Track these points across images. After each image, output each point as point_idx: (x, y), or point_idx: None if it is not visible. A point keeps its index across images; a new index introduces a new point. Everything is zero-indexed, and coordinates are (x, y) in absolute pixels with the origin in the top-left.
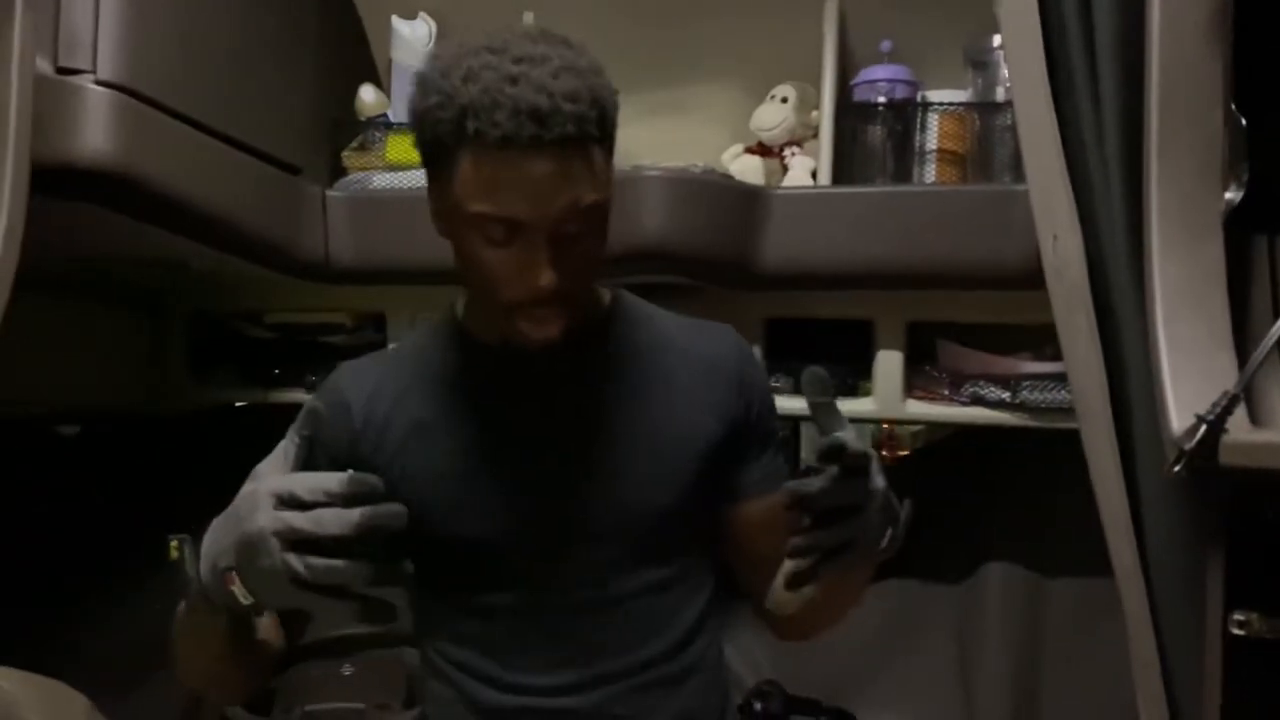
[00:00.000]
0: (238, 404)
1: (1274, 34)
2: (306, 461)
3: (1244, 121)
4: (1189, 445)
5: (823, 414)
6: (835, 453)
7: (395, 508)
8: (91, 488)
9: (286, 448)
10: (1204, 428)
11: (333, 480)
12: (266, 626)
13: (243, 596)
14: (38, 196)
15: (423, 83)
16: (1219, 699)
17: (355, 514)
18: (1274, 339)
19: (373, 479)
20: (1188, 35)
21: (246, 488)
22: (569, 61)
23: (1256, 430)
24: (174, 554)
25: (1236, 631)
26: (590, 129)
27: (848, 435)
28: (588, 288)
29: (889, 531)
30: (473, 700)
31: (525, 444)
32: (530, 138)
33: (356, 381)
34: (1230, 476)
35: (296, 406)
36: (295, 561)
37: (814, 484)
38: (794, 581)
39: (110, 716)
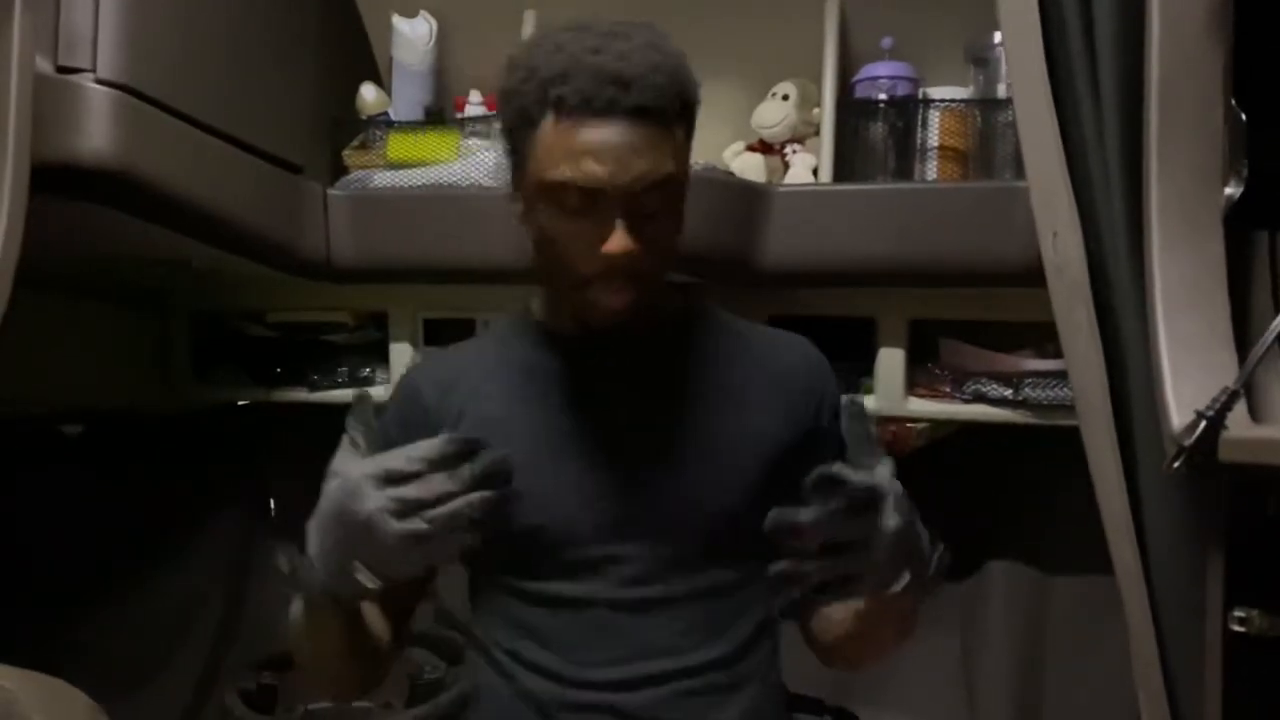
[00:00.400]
0: (240, 403)
1: (1274, 31)
2: (385, 445)
3: (1244, 117)
4: (1189, 441)
5: (856, 443)
6: (825, 484)
7: (500, 453)
8: (93, 487)
9: (354, 438)
10: (1204, 424)
11: (433, 446)
12: (375, 619)
13: (369, 581)
14: (38, 196)
15: (510, 63)
16: (1220, 696)
17: (467, 470)
18: (1274, 335)
19: (468, 437)
20: (1188, 32)
21: (332, 484)
22: (652, 41)
23: (1256, 426)
24: (287, 568)
25: (1237, 629)
26: (668, 103)
27: (879, 473)
28: (661, 272)
29: (904, 574)
30: (524, 690)
31: (595, 437)
32: (609, 101)
33: (430, 373)
34: (1230, 473)
35: (298, 405)
36: (416, 524)
37: (805, 514)
38: (800, 595)
39: (112, 716)
